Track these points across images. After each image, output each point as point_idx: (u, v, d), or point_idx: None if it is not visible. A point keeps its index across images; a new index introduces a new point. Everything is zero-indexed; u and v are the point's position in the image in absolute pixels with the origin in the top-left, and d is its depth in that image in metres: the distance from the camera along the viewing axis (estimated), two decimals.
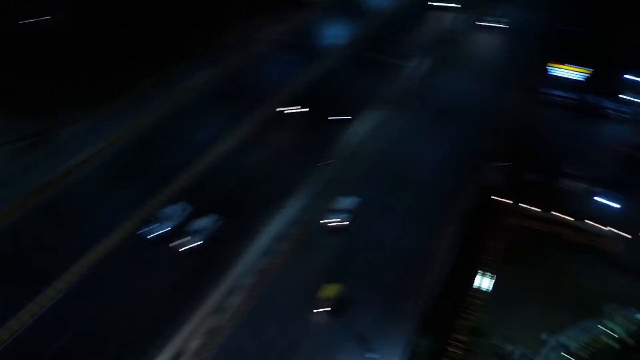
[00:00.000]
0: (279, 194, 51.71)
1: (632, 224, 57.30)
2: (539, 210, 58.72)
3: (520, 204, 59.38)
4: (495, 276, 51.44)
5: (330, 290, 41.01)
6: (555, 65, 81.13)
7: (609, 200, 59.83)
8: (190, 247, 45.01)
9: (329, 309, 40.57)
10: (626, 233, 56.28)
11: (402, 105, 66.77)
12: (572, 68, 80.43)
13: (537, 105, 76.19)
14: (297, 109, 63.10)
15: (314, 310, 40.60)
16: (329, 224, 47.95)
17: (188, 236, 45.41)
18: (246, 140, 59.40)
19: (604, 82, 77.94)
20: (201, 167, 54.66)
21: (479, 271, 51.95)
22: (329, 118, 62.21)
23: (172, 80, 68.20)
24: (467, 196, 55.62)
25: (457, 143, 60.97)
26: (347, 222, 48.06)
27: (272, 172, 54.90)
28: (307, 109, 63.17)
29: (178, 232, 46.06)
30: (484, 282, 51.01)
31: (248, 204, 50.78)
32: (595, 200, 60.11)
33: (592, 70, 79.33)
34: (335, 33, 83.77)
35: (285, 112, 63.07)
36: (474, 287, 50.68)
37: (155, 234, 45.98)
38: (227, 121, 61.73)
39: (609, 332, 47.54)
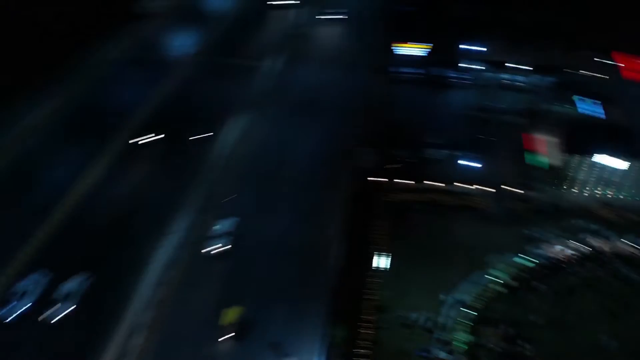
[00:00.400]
0: (157, 224, 49.78)
1: (493, 179, 64.63)
2: (413, 182, 63.65)
3: (395, 180, 63.87)
4: (390, 253, 54.91)
5: (231, 314, 40.67)
6: (399, 45, 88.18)
7: (470, 161, 66.81)
8: (63, 314, 41.34)
9: (234, 333, 40.22)
10: (490, 188, 63.25)
11: (265, 106, 67.94)
12: (414, 45, 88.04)
13: (390, 85, 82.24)
14: (153, 137, 59.79)
15: (220, 339, 39.98)
16: (212, 251, 47.36)
17: (57, 304, 41.78)
18: (106, 176, 55.85)
19: (444, 54, 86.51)
20: (61, 216, 50.38)
21: (374, 252, 55.14)
22: (190, 138, 60.79)
23: (14, 115, 61.91)
24: (345, 183, 58.22)
25: (325, 133, 63.63)
26: (229, 245, 47.58)
27: (143, 204, 52.40)
28: (164, 134, 60.03)
29: (44, 303, 41.68)
30: (380, 261, 54.23)
31: (126, 241, 48.13)
32: (459, 164, 66.75)
33: (431, 45, 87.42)
34: (182, 42, 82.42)
35: (141, 142, 59.56)
36: (372, 268, 53.68)
37: (16, 313, 41.11)
38: (81, 158, 57.56)
39: (495, 279, 53.39)
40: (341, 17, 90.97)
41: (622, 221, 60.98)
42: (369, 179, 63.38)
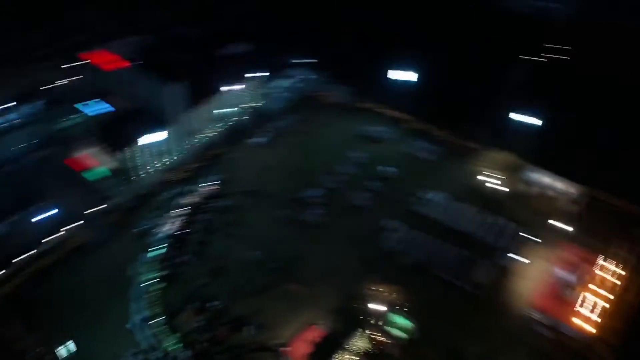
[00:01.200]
0: None
1: (73, 214, 66.47)
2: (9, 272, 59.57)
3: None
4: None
5: None
6: None
7: (44, 212, 65.80)
8: None
9: None
10: (72, 223, 65.30)
11: None
12: None
13: None
14: None
15: None
16: None
17: None
18: None
19: None
20: None
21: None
22: None
23: None
24: None
25: None
26: None
27: None
28: None
29: None
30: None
31: None
32: (33, 223, 65.21)
33: None
34: None
35: None
36: None
37: None
38: None
39: (150, 281, 58.81)
40: None
41: (187, 174, 74.49)
42: None
